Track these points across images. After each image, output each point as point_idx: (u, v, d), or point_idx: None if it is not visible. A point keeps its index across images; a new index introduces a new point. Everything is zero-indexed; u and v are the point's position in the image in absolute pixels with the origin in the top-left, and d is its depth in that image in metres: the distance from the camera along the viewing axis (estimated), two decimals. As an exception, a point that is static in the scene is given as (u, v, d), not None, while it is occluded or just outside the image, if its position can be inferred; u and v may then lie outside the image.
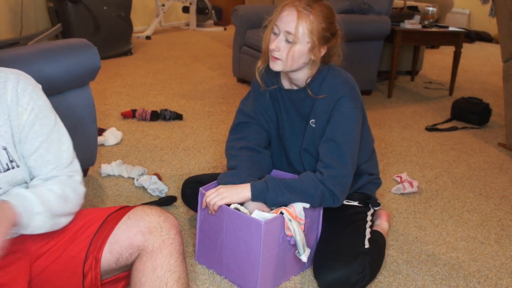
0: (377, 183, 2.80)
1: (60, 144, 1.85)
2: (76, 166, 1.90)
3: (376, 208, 2.74)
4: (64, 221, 1.80)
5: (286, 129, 2.59)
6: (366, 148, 2.65)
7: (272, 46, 2.33)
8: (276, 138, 2.66)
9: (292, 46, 2.30)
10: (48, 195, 1.74)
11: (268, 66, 2.47)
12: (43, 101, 1.83)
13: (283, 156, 2.69)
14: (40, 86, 1.86)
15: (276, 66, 2.36)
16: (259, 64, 2.56)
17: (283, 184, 2.31)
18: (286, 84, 2.54)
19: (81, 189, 1.88)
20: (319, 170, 2.36)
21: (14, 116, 1.74)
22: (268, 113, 2.61)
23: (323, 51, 2.36)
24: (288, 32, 2.28)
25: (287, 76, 2.49)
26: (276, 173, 2.63)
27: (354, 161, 2.41)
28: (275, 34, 2.34)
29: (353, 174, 2.43)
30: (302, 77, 2.43)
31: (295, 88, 2.50)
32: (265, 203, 2.32)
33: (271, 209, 2.33)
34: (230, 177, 2.39)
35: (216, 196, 2.29)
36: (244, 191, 2.30)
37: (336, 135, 2.37)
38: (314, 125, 2.46)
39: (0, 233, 1.54)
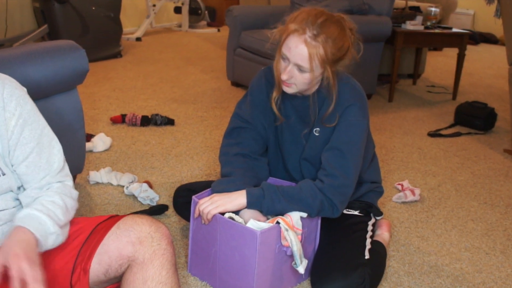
0: (379, 192, 2.80)
1: (50, 148, 1.88)
2: (67, 170, 1.93)
3: (378, 218, 2.74)
4: (67, 231, 1.82)
5: (286, 136, 2.58)
6: (367, 156, 2.65)
7: (284, 77, 2.30)
8: (274, 145, 2.66)
9: (304, 74, 2.28)
10: (54, 210, 1.76)
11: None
12: (31, 105, 1.84)
13: (281, 164, 2.68)
14: (25, 89, 1.87)
15: (290, 90, 2.37)
16: (275, 94, 2.51)
17: (281, 191, 2.31)
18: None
19: (75, 194, 1.92)
20: (320, 178, 2.36)
21: (1, 122, 1.74)
22: (267, 119, 2.60)
23: (334, 69, 2.35)
24: (299, 66, 2.26)
25: None
26: (273, 180, 2.63)
27: (357, 172, 2.41)
28: (284, 59, 2.31)
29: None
30: (311, 89, 2.43)
31: (299, 94, 2.49)
32: (261, 211, 2.32)
33: (267, 218, 2.33)
34: (224, 185, 2.39)
35: (210, 205, 2.29)
36: (239, 198, 2.30)
37: (341, 144, 2.37)
38: (317, 134, 2.47)
39: (35, 267, 1.58)
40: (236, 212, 2.32)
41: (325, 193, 2.31)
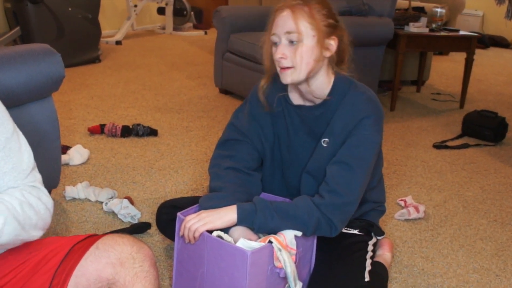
0: (381, 211, 2.80)
1: (20, 154, 1.85)
2: (37, 176, 1.90)
3: (379, 237, 2.73)
4: (35, 234, 1.78)
5: (291, 148, 2.56)
6: (375, 174, 2.63)
7: (278, 55, 2.30)
8: (271, 159, 2.64)
9: (298, 46, 2.28)
10: (11, 199, 1.72)
11: (272, 83, 2.52)
12: None
13: (277, 179, 2.67)
14: None
15: (288, 77, 2.34)
16: (262, 82, 2.53)
17: (274, 207, 2.29)
18: (296, 99, 2.51)
19: (47, 200, 1.86)
20: (321, 193, 2.34)
21: None
22: (265, 131, 2.59)
23: (333, 43, 2.35)
24: (289, 32, 2.27)
25: (298, 90, 2.47)
26: (266, 196, 2.62)
27: (363, 190, 2.39)
28: (275, 44, 2.33)
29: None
30: (318, 87, 2.41)
31: (308, 104, 2.48)
32: (252, 228, 2.31)
33: (259, 237, 2.33)
34: (213, 201, 2.38)
35: (197, 222, 2.28)
36: (229, 213, 2.29)
37: (351, 158, 2.35)
38: (325, 145, 2.44)
39: None
40: (226, 231, 2.32)
41: (322, 210, 2.29)
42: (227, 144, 2.62)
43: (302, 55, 2.29)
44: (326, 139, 2.43)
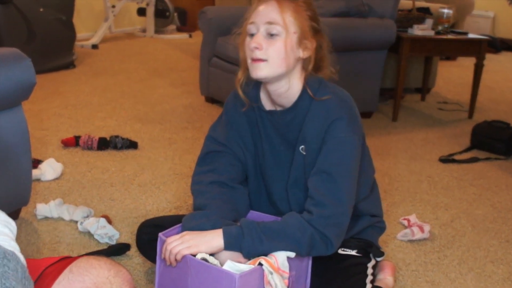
0: (381, 228, 2.79)
1: None
2: None
3: (378, 259, 2.73)
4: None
5: (268, 160, 2.57)
6: (365, 182, 2.63)
7: (252, 44, 2.31)
8: (255, 171, 2.65)
9: (277, 40, 2.30)
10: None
11: (246, 80, 2.51)
12: None
13: (264, 193, 2.67)
14: None
15: (260, 71, 2.33)
16: (240, 75, 2.52)
17: (262, 228, 2.29)
18: (267, 105, 2.53)
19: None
20: (308, 209, 2.34)
21: None
22: (245, 140, 2.60)
23: (311, 46, 2.37)
24: (270, 23, 2.29)
25: (269, 94, 2.48)
26: (254, 214, 2.62)
27: (351, 197, 2.39)
28: (252, 35, 2.35)
29: (351, 214, 2.43)
30: (289, 90, 2.42)
31: (279, 109, 2.50)
32: (242, 253, 2.31)
33: (248, 259, 2.32)
34: (197, 220, 2.37)
35: (180, 244, 2.27)
36: (215, 238, 2.28)
37: (329, 166, 2.35)
38: (304, 152, 2.45)
39: None
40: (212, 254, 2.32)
41: (314, 225, 2.28)
42: (207, 158, 2.63)
43: (279, 50, 2.31)
44: (303, 146, 2.45)
